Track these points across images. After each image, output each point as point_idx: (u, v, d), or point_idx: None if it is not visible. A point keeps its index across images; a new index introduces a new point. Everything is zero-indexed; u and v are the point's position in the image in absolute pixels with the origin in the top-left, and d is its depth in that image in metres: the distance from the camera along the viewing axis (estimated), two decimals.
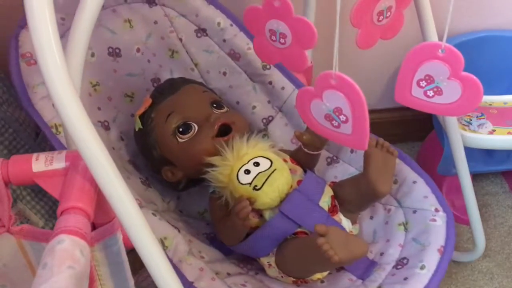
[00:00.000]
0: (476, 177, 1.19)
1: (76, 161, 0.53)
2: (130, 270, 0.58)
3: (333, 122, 0.66)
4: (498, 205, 1.21)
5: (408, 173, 0.94)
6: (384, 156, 0.88)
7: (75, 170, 0.53)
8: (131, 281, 0.58)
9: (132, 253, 0.56)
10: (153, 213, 0.84)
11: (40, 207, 0.80)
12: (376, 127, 0.82)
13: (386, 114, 1.25)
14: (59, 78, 0.51)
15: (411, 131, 1.29)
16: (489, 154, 1.16)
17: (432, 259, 0.83)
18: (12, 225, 0.54)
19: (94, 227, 0.54)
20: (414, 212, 0.91)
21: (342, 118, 0.64)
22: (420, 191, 0.92)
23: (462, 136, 0.96)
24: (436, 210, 0.90)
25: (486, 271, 1.09)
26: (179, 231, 0.85)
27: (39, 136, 0.81)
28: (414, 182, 0.93)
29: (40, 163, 0.53)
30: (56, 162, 0.53)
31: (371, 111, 0.62)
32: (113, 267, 0.55)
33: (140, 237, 0.54)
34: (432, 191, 0.92)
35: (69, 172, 0.53)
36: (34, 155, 0.54)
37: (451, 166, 1.02)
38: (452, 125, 0.93)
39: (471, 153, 1.01)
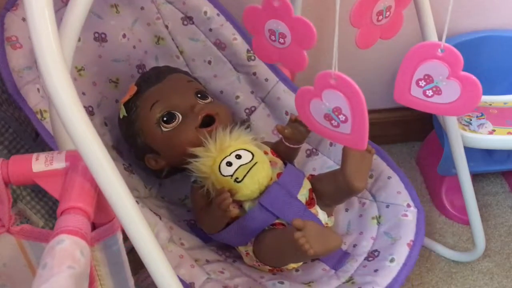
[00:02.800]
0: (476, 177, 1.18)
1: (76, 161, 0.53)
2: (130, 270, 0.58)
3: (333, 121, 0.66)
4: (498, 205, 1.20)
5: (384, 169, 0.97)
6: (361, 153, 0.90)
7: (75, 170, 0.53)
8: (131, 281, 0.58)
9: (132, 253, 0.56)
10: (136, 201, 0.85)
11: (40, 207, 0.80)
12: (376, 127, 0.82)
13: (386, 114, 1.25)
14: (58, 77, 0.50)
15: (411, 131, 1.29)
16: (489, 154, 1.15)
17: (401, 253, 0.87)
18: (12, 225, 0.54)
19: (94, 227, 0.54)
20: (387, 206, 0.94)
21: (342, 117, 0.65)
22: (394, 187, 0.95)
23: (462, 136, 0.95)
24: (408, 205, 0.93)
25: (486, 271, 1.08)
26: (160, 218, 0.86)
27: (39, 136, 0.80)
28: (389, 177, 0.96)
29: (40, 163, 0.52)
30: (56, 162, 0.53)
31: (371, 111, 0.63)
32: (113, 267, 0.56)
33: (139, 237, 0.54)
34: (405, 186, 0.95)
35: (69, 172, 0.53)
36: (34, 155, 0.53)
37: (451, 166, 1.01)
38: (452, 125, 0.93)
39: (471, 153, 1.00)
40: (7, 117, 0.80)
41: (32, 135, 0.84)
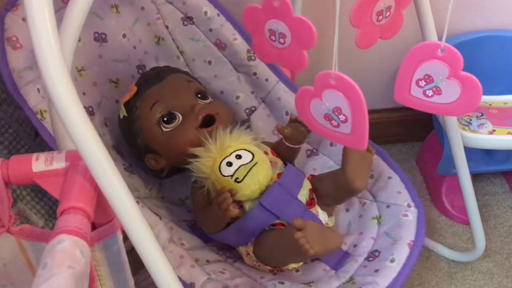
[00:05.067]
0: (476, 177, 1.18)
1: (76, 161, 0.53)
2: (130, 270, 0.58)
3: (333, 121, 0.66)
4: (498, 205, 1.20)
5: (384, 169, 0.97)
6: (361, 153, 0.90)
7: (75, 170, 0.53)
8: (131, 281, 0.58)
9: (132, 253, 0.56)
10: (136, 201, 0.85)
11: (40, 207, 0.80)
12: (376, 127, 0.82)
13: (386, 114, 1.25)
14: (59, 77, 0.50)
15: (411, 131, 1.29)
16: (489, 154, 1.15)
17: (402, 253, 0.86)
18: (12, 225, 0.54)
19: (94, 227, 0.54)
20: (388, 206, 0.94)
21: (342, 117, 0.65)
22: (394, 187, 0.95)
23: (462, 136, 0.96)
24: (408, 205, 0.93)
25: (486, 271, 1.08)
26: (160, 218, 0.86)
27: (39, 136, 0.80)
28: (389, 177, 0.96)
29: (40, 163, 0.52)
30: (56, 162, 0.53)
31: (371, 111, 0.63)
32: (113, 267, 0.56)
33: (139, 237, 0.54)
34: (405, 187, 0.95)
35: (69, 172, 0.53)
36: (34, 155, 0.53)
37: (451, 166, 1.01)
38: (452, 125, 0.93)
39: (471, 153, 1.00)
40: (7, 117, 0.81)
41: (32, 135, 0.84)
